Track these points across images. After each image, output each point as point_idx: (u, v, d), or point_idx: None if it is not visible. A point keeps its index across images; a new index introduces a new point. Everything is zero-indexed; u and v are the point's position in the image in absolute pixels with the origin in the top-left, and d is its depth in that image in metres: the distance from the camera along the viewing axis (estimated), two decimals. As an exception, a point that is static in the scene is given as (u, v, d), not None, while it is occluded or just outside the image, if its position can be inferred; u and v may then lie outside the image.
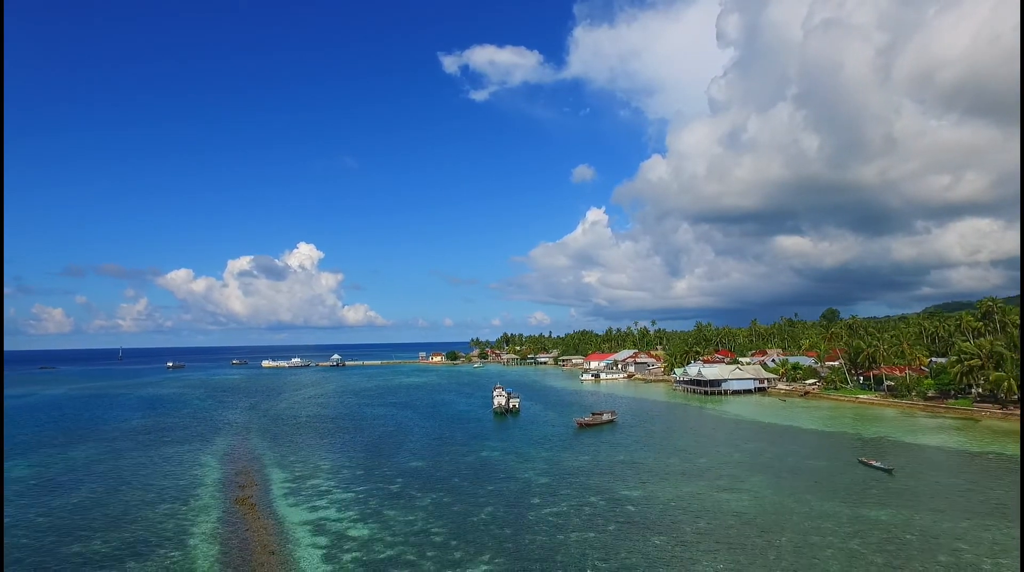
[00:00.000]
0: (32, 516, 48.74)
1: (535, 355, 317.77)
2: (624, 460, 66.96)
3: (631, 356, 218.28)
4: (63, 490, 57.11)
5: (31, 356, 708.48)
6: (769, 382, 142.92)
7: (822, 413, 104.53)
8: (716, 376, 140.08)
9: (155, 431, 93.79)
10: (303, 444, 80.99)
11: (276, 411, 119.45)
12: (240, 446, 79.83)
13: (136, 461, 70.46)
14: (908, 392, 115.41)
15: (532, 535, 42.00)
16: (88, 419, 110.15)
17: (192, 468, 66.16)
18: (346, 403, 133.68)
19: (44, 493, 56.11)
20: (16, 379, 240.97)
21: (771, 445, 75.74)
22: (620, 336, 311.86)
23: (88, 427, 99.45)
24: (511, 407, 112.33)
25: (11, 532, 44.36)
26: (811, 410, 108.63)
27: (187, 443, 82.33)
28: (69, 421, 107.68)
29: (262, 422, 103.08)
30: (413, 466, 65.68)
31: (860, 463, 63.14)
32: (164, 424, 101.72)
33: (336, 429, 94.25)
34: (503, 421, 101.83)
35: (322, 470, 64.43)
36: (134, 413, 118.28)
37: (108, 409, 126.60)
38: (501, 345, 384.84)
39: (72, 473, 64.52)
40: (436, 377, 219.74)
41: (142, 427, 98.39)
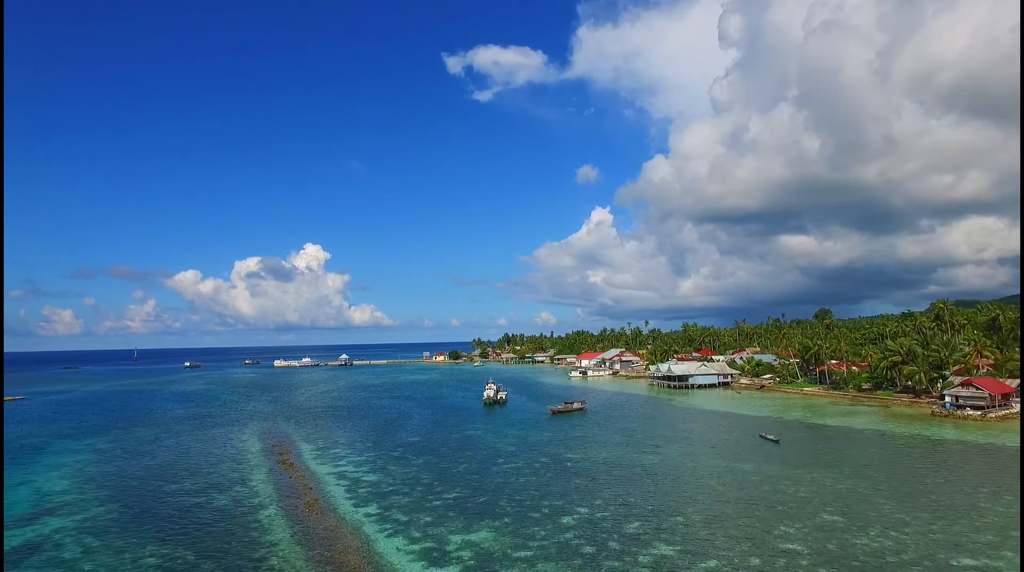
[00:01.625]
0: (134, 470, 66.88)
1: (533, 354, 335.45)
2: (578, 436, 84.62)
3: (617, 355, 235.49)
4: (146, 456, 75.30)
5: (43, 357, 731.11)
6: (732, 377, 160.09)
7: (765, 403, 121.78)
8: (684, 372, 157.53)
9: (197, 418, 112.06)
10: (322, 426, 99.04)
11: (295, 403, 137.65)
12: (271, 428, 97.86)
13: (192, 438, 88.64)
14: (845, 385, 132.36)
15: (491, 479, 59.75)
16: (137, 409, 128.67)
17: (237, 442, 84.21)
18: (356, 396, 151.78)
19: (132, 457, 74.30)
20: (47, 377, 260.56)
21: (702, 426, 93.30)
22: (614, 336, 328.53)
23: (140, 415, 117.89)
24: (499, 399, 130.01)
25: (127, 481, 62.56)
26: (757, 400, 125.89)
27: (228, 426, 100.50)
28: (121, 411, 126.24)
29: (285, 411, 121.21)
30: (411, 440, 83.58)
31: (760, 437, 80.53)
32: (203, 413, 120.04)
33: (348, 416, 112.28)
34: (491, 410, 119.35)
35: (339, 443, 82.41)
36: (173, 405, 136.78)
37: (149, 402, 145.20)
38: (503, 345, 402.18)
39: (146, 445, 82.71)
40: (438, 375, 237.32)
41: (185, 415, 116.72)
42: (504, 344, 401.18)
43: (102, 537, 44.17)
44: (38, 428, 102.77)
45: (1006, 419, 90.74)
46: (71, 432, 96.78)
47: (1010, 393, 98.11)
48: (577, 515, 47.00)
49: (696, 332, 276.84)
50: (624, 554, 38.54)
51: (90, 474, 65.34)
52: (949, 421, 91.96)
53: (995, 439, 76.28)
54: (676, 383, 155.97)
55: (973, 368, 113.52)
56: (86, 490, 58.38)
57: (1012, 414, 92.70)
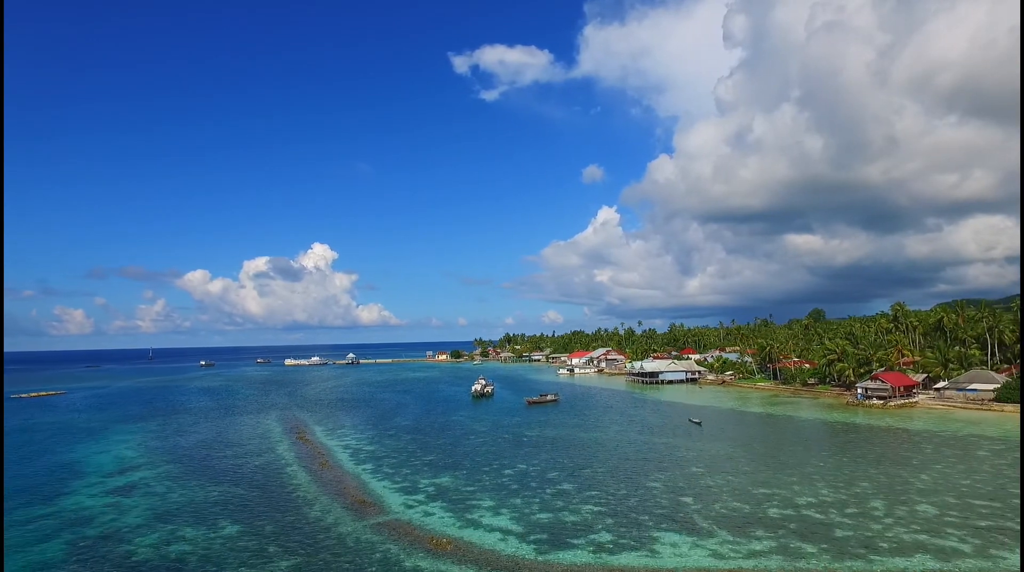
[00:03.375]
0: (184, 444, 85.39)
1: (530, 353, 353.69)
2: (541, 420, 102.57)
3: (604, 353, 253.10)
4: (190, 434, 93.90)
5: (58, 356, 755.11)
6: (700, 374, 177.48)
7: (718, 395, 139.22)
8: (655, 369, 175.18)
9: (224, 408, 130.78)
10: (331, 414, 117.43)
11: (307, 396, 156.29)
12: (288, 415, 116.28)
13: (224, 423, 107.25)
14: (793, 380, 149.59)
15: (460, 448, 77.84)
16: (170, 401, 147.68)
17: (262, 425, 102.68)
18: (360, 390, 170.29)
19: (180, 435, 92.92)
20: (75, 375, 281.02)
21: (649, 413, 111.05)
22: (607, 336, 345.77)
23: (175, 406, 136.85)
24: (486, 392, 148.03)
25: (182, 449, 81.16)
26: (714, 394, 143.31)
27: (252, 414, 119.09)
28: (157, 402, 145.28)
29: (299, 402, 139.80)
30: (403, 424, 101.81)
31: (688, 421, 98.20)
32: (228, 404, 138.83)
33: (353, 406, 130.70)
34: (478, 402, 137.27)
35: (345, 425, 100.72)
36: (200, 398, 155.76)
37: (178, 395, 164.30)
38: (504, 344, 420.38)
39: (188, 427, 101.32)
40: (438, 373, 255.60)
41: (214, 406, 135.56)
42: (505, 344, 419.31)
43: (176, 481, 62.54)
44: (92, 416, 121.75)
45: (903, 407, 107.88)
46: (122, 418, 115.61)
47: (912, 385, 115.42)
48: (515, 469, 65.02)
49: (681, 332, 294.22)
50: (538, 489, 56.44)
51: (152, 446, 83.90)
52: (860, 409, 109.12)
53: (879, 421, 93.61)
54: (648, 379, 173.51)
55: (895, 365, 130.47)
56: (153, 455, 76.90)
57: (910, 403, 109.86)
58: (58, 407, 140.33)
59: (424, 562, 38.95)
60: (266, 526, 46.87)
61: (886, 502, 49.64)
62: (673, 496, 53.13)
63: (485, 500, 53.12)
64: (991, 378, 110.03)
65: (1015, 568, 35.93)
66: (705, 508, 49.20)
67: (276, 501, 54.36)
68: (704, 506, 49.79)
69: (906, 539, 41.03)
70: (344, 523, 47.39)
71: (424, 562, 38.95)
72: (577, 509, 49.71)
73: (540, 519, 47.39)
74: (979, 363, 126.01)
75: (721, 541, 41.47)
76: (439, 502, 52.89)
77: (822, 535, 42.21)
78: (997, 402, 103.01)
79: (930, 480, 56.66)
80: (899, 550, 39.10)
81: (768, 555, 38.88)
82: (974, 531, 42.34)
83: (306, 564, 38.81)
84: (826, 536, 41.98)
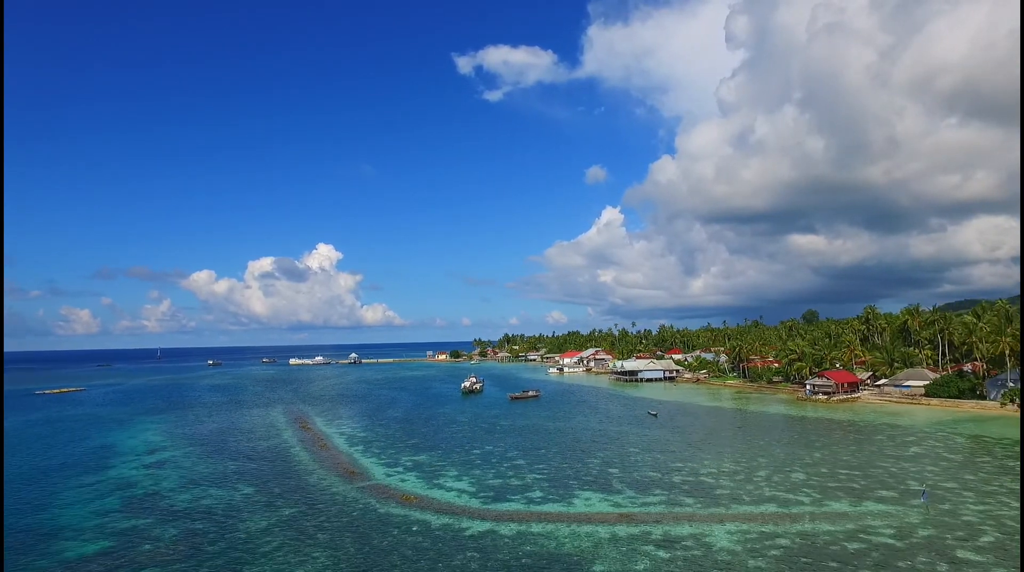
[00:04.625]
0: (202, 431, 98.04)
1: (526, 353, 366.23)
2: (518, 413, 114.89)
3: (593, 354, 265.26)
4: (207, 423, 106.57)
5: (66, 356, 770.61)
6: (677, 373, 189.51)
7: (688, 391, 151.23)
8: (634, 367, 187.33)
9: (235, 402, 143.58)
10: (331, 408, 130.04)
11: (311, 392, 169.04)
12: (293, 409, 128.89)
13: (236, 414, 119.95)
14: (760, 378, 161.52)
15: (440, 435, 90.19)
16: (185, 397, 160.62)
17: (269, 417, 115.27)
18: (360, 388, 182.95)
19: (198, 424, 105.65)
20: (88, 374, 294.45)
21: (616, 406, 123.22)
22: (601, 336, 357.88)
23: (190, 401, 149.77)
24: (474, 388, 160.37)
25: (201, 435, 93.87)
26: (684, 390, 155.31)
27: (260, 407, 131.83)
28: (172, 397, 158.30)
29: (303, 398, 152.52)
30: (395, 416, 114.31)
31: (647, 413, 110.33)
32: (238, 399, 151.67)
33: (352, 401, 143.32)
34: (466, 397, 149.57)
35: (342, 417, 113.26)
36: (212, 394, 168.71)
37: (191, 392, 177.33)
38: (503, 345, 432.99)
39: (204, 418, 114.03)
40: (436, 372, 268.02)
41: (225, 400, 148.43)
42: (504, 344, 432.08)
43: (198, 458, 75.11)
44: (116, 409, 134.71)
45: (845, 401, 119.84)
46: (144, 411, 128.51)
47: (856, 382, 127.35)
48: (482, 450, 77.39)
49: (669, 333, 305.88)
50: (496, 464, 68.73)
51: (174, 433, 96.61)
52: (807, 403, 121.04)
53: (815, 413, 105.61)
54: (628, 377, 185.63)
55: (848, 364, 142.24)
56: (176, 440, 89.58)
57: (852, 398, 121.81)
58: (83, 402, 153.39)
59: (394, 510, 51.31)
60: (274, 488, 59.37)
61: (769, 472, 61.83)
62: (603, 468, 65.38)
63: (451, 471, 65.51)
64: (923, 375, 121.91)
65: (836, 512, 47.97)
66: (624, 476, 61.49)
67: (282, 471, 66.88)
68: (625, 475, 62.07)
69: (766, 495, 53.20)
70: (336, 486, 59.89)
71: (394, 510, 51.31)
72: (523, 477, 62.06)
73: (491, 483, 59.74)
74: (929, 362, 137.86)
75: (625, 497, 53.71)
76: (413, 472, 65.31)
77: (703, 493, 54.42)
78: (926, 397, 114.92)
79: (819, 457, 68.76)
80: (754, 501, 51.27)
81: (655, 505, 51.11)
82: (822, 490, 54.47)
83: (305, 512, 51.21)
84: (707, 493, 54.18)
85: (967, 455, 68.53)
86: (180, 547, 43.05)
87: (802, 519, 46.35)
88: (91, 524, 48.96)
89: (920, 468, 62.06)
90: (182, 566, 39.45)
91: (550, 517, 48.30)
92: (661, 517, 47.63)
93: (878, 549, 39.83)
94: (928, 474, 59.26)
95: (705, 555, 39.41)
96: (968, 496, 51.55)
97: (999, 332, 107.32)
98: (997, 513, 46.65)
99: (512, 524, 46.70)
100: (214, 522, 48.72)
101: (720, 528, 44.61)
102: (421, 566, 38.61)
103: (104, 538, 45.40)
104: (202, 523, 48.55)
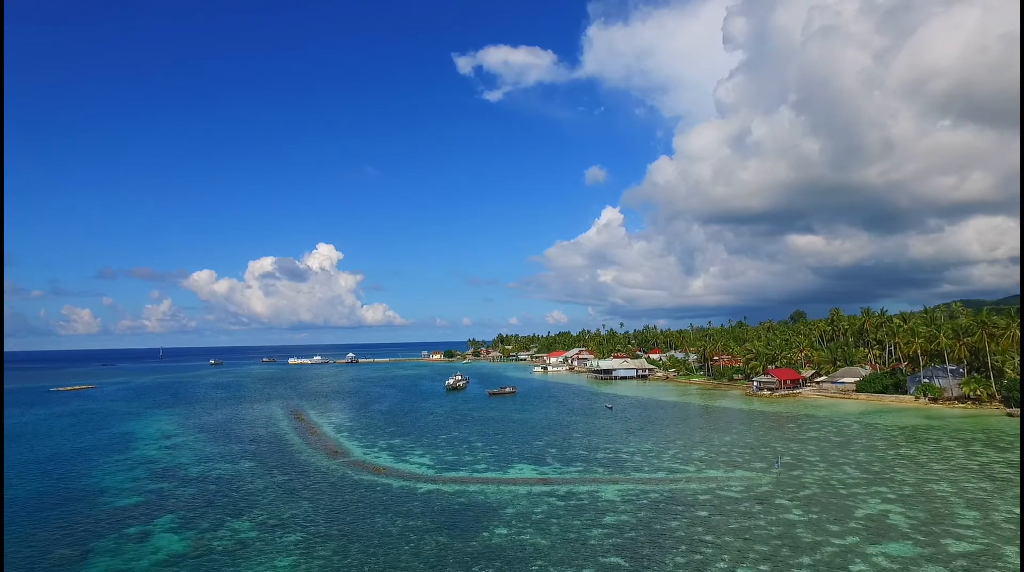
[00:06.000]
0: (209, 421, 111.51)
1: (517, 353, 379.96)
2: (492, 406, 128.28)
3: (577, 353, 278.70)
4: (213, 415, 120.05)
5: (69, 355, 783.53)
6: (650, 371, 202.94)
7: (654, 388, 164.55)
8: (609, 366, 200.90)
9: (236, 399, 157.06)
10: (324, 403, 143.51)
11: (307, 389, 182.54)
12: (289, 403, 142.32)
13: (238, 408, 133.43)
14: (722, 376, 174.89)
15: (417, 424, 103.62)
16: (190, 393, 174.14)
17: (268, 410, 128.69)
18: (353, 385, 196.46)
19: (204, 416, 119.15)
20: (94, 373, 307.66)
21: (581, 400, 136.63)
22: (590, 337, 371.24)
23: (196, 397, 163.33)
24: (458, 385, 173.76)
25: (208, 424, 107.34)
26: (653, 387, 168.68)
27: (260, 402, 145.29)
28: (179, 394, 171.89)
29: (299, 394, 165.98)
30: (380, 409, 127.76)
31: (604, 406, 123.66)
32: (240, 395, 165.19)
33: (344, 397, 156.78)
34: (450, 393, 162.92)
35: (333, 410, 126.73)
36: (215, 391, 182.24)
37: (196, 389, 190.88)
38: (496, 344, 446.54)
39: (210, 411, 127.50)
40: (428, 370, 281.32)
41: (228, 396, 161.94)
42: (498, 344, 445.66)
43: (207, 442, 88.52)
44: (129, 404, 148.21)
45: (786, 396, 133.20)
46: (154, 405, 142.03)
47: (798, 379, 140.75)
48: (449, 435, 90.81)
49: (652, 333, 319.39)
50: (457, 446, 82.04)
51: (184, 423, 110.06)
52: (754, 398, 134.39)
53: (754, 406, 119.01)
54: (603, 375, 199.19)
55: (796, 363, 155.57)
56: (187, 428, 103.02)
57: (793, 394, 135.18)
58: (97, 398, 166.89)
59: (365, 477, 64.72)
60: (270, 462, 72.80)
61: (677, 450, 75.26)
62: (544, 448, 78.80)
63: (417, 451, 78.96)
64: (857, 373, 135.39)
65: (709, 477, 61.32)
66: (558, 454, 74.90)
67: (277, 451, 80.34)
68: (559, 453, 75.47)
69: (663, 466, 66.59)
70: (320, 461, 73.35)
71: (365, 477, 64.72)
72: (475, 455, 75.48)
73: (448, 459, 73.16)
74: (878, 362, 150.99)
75: (551, 468, 67.11)
76: (387, 452, 78.75)
77: (615, 465, 67.79)
78: (856, 392, 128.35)
79: (728, 440, 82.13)
80: (650, 470, 64.70)
81: (571, 473, 64.50)
82: (710, 463, 67.85)
83: (294, 478, 64.60)
84: (617, 466, 67.55)
85: (849, 438, 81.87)
86: (197, 501, 56.48)
87: (679, 481, 59.78)
88: (126, 486, 62.45)
89: (801, 447, 75.46)
90: (200, 511, 52.86)
91: (485, 481, 61.75)
92: (571, 481, 61.03)
93: (720, 498, 53.25)
94: (807, 452, 72.59)
95: (590, 503, 52.80)
96: (820, 466, 64.96)
97: (914, 334, 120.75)
98: (832, 478, 60.03)
99: (454, 485, 60.16)
100: (222, 484, 62.19)
101: (612, 488, 58.01)
102: (378, 509, 52.02)
103: (138, 495, 58.85)
104: (213, 485, 62.03)
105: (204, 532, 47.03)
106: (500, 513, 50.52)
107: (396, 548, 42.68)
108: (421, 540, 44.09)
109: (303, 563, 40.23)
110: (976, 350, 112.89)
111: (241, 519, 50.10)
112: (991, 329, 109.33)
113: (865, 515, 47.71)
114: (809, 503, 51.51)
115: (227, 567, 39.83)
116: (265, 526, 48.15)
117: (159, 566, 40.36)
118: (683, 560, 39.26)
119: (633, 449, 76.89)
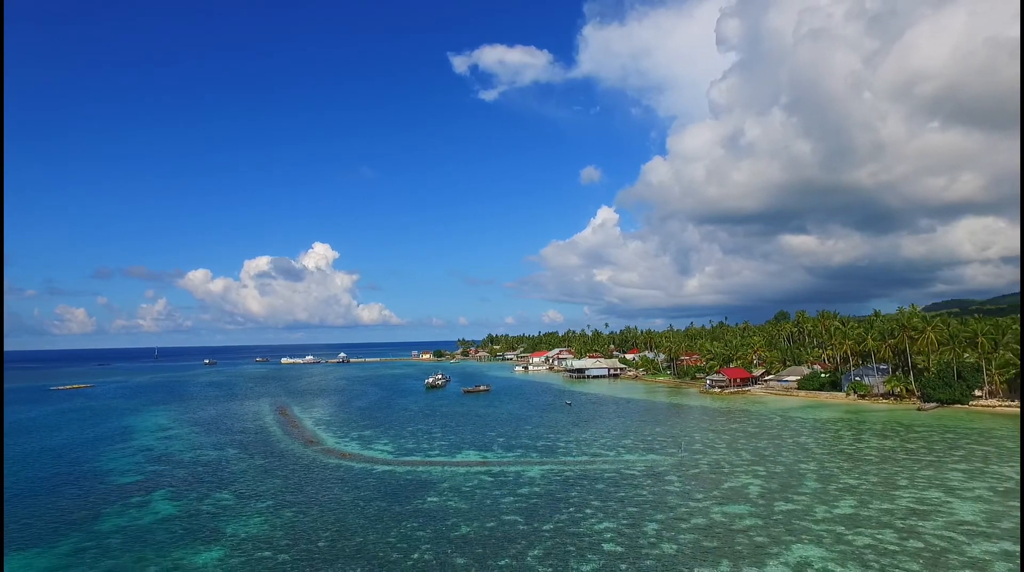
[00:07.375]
0: (202, 416, 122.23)
1: (503, 353, 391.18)
2: (463, 402, 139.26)
3: (557, 353, 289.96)
4: (205, 411, 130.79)
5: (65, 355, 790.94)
6: (621, 370, 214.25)
7: (622, 386, 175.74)
8: (581, 365, 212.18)
9: (228, 396, 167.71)
10: (309, 400, 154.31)
11: (296, 388, 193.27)
12: (277, 401, 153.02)
13: (229, 405, 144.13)
14: (685, 374, 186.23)
15: (390, 419, 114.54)
16: (185, 391, 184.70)
17: (256, 407, 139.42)
18: (340, 384, 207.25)
19: (198, 411, 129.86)
20: (90, 372, 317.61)
21: (547, 397, 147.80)
22: (574, 337, 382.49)
23: (190, 394, 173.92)
24: (437, 384, 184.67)
25: (200, 419, 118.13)
26: (622, 385, 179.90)
27: (249, 400, 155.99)
28: (174, 392, 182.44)
29: (288, 392, 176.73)
30: (359, 405, 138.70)
31: (565, 403, 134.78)
32: (231, 393, 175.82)
33: (329, 394, 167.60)
34: (430, 391, 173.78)
35: (316, 407, 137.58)
36: (207, 389, 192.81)
37: (190, 388, 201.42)
38: (486, 344, 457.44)
39: (203, 408, 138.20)
40: (415, 370, 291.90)
41: (220, 394, 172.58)
42: (488, 343, 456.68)
43: (199, 434, 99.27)
44: (126, 401, 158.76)
45: (736, 393, 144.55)
46: (151, 403, 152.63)
47: (748, 377, 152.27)
48: (415, 428, 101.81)
49: (632, 334, 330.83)
50: (419, 436, 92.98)
51: (179, 418, 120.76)
52: (706, 395, 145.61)
53: (702, 402, 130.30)
54: (577, 374, 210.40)
55: (749, 362, 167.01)
56: (181, 422, 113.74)
57: (743, 391, 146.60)
58: (96, 396, 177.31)
59: (333, 461, 75.67)
60: (252, 450, 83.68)
61: (608, 439, 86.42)
62: (495, 437, 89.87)
63: (383, 440, 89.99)
64: (799, 372, 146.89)
65: (622, 459, 72.41)
66: (504, 442, 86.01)
67: (260, 441, 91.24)
68: (505, 441, 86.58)
69: (589, 452, 77.68)
70: (297, 449, 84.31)
71: (333, 461, 75.67)
72: (432, 443, 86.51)
73: (407, 446, 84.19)
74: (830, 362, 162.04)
75: (493, 453, 78.13)
76: (356, 441, 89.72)
77: (549, 452, 78.86)
78: (797, 389, 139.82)
79: (658, 430, 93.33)
80: (578, 454, 75.82)
81: (508, 457, 75.56)
82: (630, 448, 78.99)
83: (271, 461, 75.50)
84: (550, 452, 78.62)
85: (763, 429, 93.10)
86: (188, 478, 67.38)
87: (596, 463, 70.95)
88: (128, 468, 73.31)
89: (717, 436, 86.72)
90: (190, 486, 63.77)
91: (434, 463, 72.82)
92: (506, 463, 72.11)
93: (622, 475, 64.38)
94: (719, 441, 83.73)
95: (515, 480, 63.88)
96: (722, 451, 76.20)
97: (844, 336, 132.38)
98: (724, 460, 71.23)
99: (407, 467, 71.22)
100: (210, 467, 73.12)
101: (538, 468, 69.12)
102: (338, 484, 63.02)
103: (138, 475, 69.71)
104: (201, 467, 72.95)
105: (192, 500, 57.99)
106: (437, 486, 61.56)
107: (345, 510, 53.72)
108: (367, 505, 55.13)
109: (270, 520, 51.23)
110: (899, 351, 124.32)
111: (223, 491, 61.07)
112: (910, 332, 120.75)
113: (729, 487, 58.93)
114: (692, 479, 62.68)
115: (210, 523, 50.77)
116: (242, 496, 59.13)
117: (157, 523, 51.29)
118: (566, 517, 50.36)
119: (571, 438, 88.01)
